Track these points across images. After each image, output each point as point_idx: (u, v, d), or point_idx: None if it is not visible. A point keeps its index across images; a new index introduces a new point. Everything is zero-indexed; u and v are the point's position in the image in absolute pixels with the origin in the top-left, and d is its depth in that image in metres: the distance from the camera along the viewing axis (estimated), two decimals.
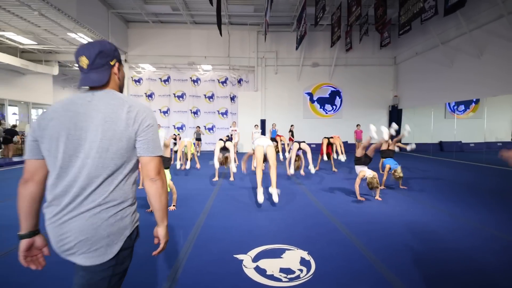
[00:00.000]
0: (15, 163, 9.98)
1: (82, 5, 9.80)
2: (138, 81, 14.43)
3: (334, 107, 14.96)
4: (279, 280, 2.41)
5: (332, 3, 11.59)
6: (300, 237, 3.34)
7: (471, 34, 9.69)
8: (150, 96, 14.57)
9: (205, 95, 14.76)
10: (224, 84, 14.75)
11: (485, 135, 14.13)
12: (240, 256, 2.83)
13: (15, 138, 11.67)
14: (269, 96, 14.64)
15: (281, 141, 10.62)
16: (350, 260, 2.77)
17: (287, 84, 14.68)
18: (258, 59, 14.31)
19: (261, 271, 2.55)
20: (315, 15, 10.56)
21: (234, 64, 14.33)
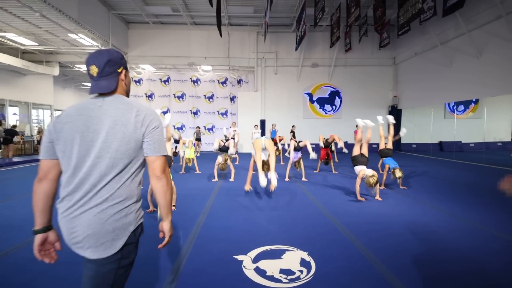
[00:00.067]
0: (15, 163, 9.95)
1: (83, 6, 9.83)
2: (138, 82, 14.44)
3: (334, 108, 14.97)
4: (279, 281, 2.41)
5: (331, 4, 11.61)
6: (300, 238, 3.34)
7: (470, 35, 9.71)
8: (150, 97, 14.58)
9: (205, 96, 14.77)
10: (224, 85, 14.76)
11: (485, 135, 14.15)
12: (240, 257, 2.83)
13: (15, 138, 11.67)
14: (269, 97, 14.65)
15: (281, 141, 10.59)
16: (350, 261, 2.77)
17: (287, 85, 14.69)
18: (258, 60, 14.33)
19: (261, 272, 2.55)
20: (315, 16, 10.58)
21: (234, 65, 14.35)
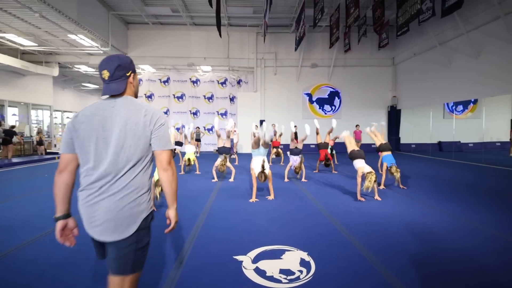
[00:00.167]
0: (15, 164, 9.91)
1: (83, 7, 9.82)
2: (138, 82, 14.43)
3: (333, 108, 14.98)
4: (279, 282, 2.41)
5: (331, 5, 11.63)
6: (300, 238, 3.34)
7: (469, 35, 9.73)
8: (150, 97, 14.58)
9: (205, 96, 14.77)
10: (224, 85, 14.77)
11: (484, 135, 14.18)
12: (240, 257, 2.83)
13: (15, 139, 11.64)
14: (269, 97, 14.66)
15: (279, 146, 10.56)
16: (350, 261, 2.77)
17: (286, 85, 14.70)
18: (258, 60, 14.33)
19: (261, 272, 2.55)
20: (314, 17, 10.59)
21: (234, 65, 14.35)
